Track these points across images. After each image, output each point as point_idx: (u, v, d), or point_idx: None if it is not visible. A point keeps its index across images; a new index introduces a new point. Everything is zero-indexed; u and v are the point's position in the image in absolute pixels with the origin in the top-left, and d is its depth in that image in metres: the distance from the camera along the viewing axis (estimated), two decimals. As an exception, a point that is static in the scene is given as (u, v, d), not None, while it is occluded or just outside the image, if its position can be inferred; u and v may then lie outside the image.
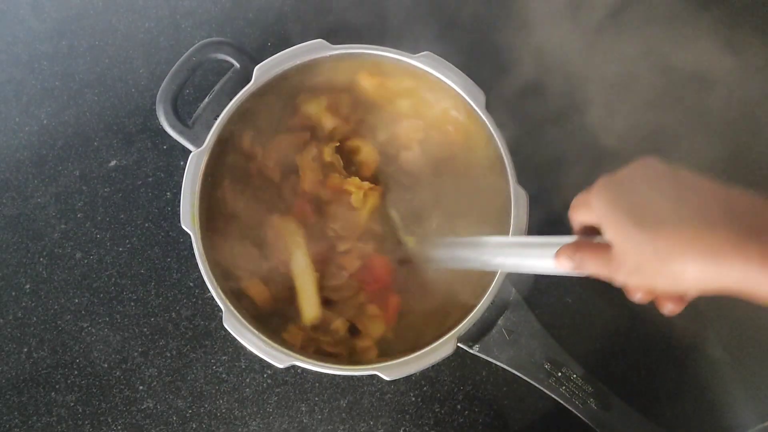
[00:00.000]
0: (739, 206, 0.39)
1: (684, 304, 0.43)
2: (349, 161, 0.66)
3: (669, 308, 0.44)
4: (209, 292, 0.57)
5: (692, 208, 0.39)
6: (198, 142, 0.60)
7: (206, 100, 0.61)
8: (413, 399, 0.67)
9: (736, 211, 0.38)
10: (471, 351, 0.58)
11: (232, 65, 0.62)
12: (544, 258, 0.50)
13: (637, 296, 0.45)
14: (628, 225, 0.40)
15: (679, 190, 0.40)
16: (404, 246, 0.63)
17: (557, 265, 0.49)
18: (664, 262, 0.39)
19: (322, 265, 0.62)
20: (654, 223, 0.39)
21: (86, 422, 0.67)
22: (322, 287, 0.61)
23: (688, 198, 0.40)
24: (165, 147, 0.73)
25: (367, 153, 0.65)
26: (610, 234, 0.42)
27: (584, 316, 0.67)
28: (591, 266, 0.45)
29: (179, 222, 0.58)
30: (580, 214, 0.47)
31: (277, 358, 0.56)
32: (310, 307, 0.60)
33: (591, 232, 0.48)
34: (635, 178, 0.42)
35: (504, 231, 0.58)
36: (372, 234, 0.63)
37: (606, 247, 0.44)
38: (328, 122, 0.64)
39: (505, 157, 0.59)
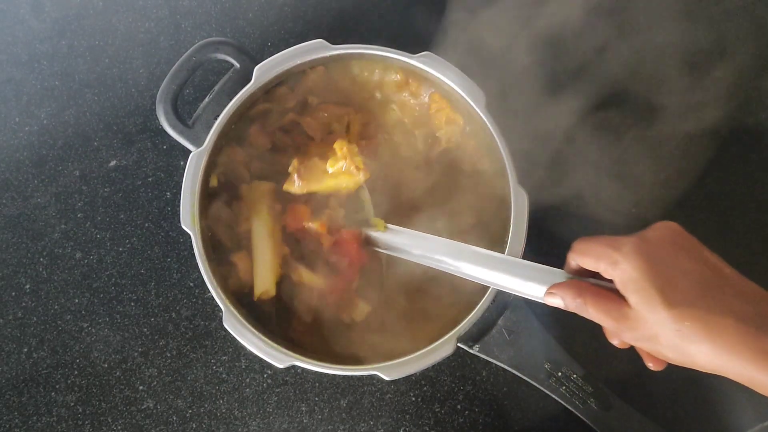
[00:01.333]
0: (762, 306, 0.41)
1: (665, 365, 0.46)
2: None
3: (653, 366, 0.47)
4: (209, 292, 0.57)
5: (718, 297, 0.42)
6: (198, 142, 0.60)
7: (206, 100, 0.61)
8: (413, 399, 0.67)
9: (761, 311, 0.41)
10: (471, 351, 0.58)
11: (232, 65, 0.62)
12: (530, 284, 0.52)
13: (616, 342, 0.48)
14: (657, 299, 0.42)
15: (704, 274, 0.43)
16: (371, 227, 0.62)
17: (547, 299, 0.50)
18: (683, 341, 0.41)
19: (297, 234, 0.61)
20: (681, 304, 0.41)
21: (86, 422, 0.67)
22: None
23: (713, 285, 0.42)
24: (165, 147, 0.73)
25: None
26: (635, 300, 0.44)
27: (584, 316, 0.67)
28: (596, 315, 0.46)
29: (179, 222, 0.58)
30: (590, 262, 0.47)
31: (277, 358, 0.56)
32: (262, 280, 0.60)
33: (585, 273, 0.50)
34: (663, 249, 0.44)
35: (504, 232, 0.58)
36: (340, 202, 0.62)
37: (616, 301, 0.45)
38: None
39: (505, 158, 0.59)
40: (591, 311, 0.47)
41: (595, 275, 0.49)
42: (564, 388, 0.58)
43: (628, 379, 0.65)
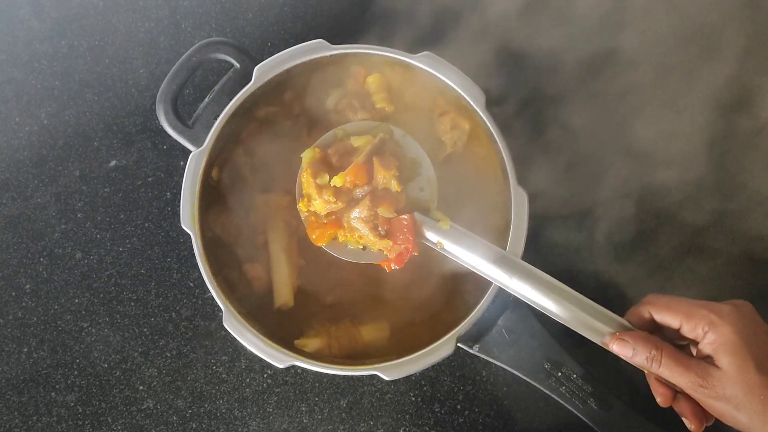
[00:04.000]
0: None
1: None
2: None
3: (695, 427, 0.50)
4: (209, 292, 0.57)
5: None
6: (198, 142, 0.60)
7: (206, 100, 0.61)
8: (413, 399, 0.67)
9: None
10: (471, 351, 0.58)
11: (232, 65, 0.62)
12: (593, 324, 0.52)
13: (660, 400, 0.51)
14: (751, 364, 0.46)
15: None
16: (432, 219, 0.56)
17: (613, 344, 0.51)
18: (766, 408, 0.45)
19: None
20: None
21: (86, 422, 0.67)
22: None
23: None
24: (165, 147, 0.73)
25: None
26: (728, 361, 0.46)
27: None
28: (673, 369, 0.48)
29: (179, 222, 0.58)
30: (673, 319, 0.50)
31: (277, 358, 0.56)
32: (280, 294, 0.60)
33: (647, 327, 0.52)
34: (751, 323, 0.48)
35: (504, 232, 0.58)
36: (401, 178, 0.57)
37: (695, 359, 0.48)
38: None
39: (505, 158, 0.59)
40: (667, 365, 0.49)
41: (653, 331, 0.51)
42: (564, 388, 0.58)
43: (627, 379, 0.65)
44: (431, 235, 0.56)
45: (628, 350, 0.50)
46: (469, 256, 0.55)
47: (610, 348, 0.51)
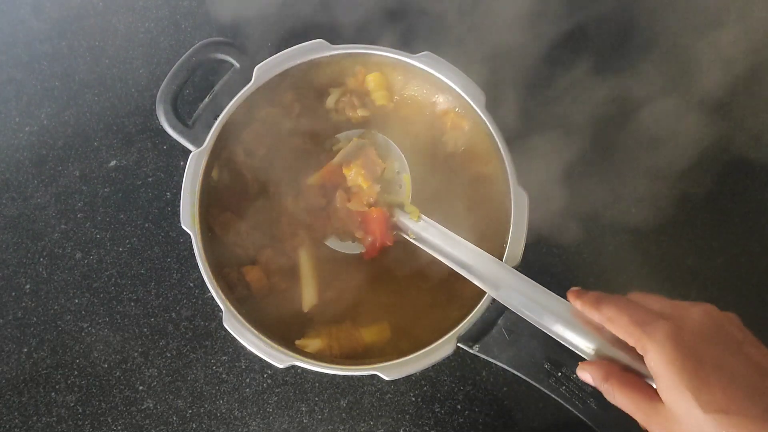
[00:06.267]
0: None
1: None
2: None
3: None
4: (209, 292, 0.57)
5: (763, 403, 0.37)
6: (198, 142, 0.60)
7: (206, 100, 0.61)
8: (413, 399, 0.67)
9: None
10: (471, 351, 0.58)
11: (232, 65, 0.62)
12: (566, 334, 0.50)
13: None
14: (692, 401, 0.38)
15: (749, 374, 0.38)
16: (405, 213, 0.61)
17: (579, 373, 0.48)
18: None
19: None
20: (721, 410, 0.37)
21: (86, 422, 0.67)
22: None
23: (758, 387, 0.38)
24: (165, 147, 0.73)
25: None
26: (667, 398, 0.40)
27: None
28: (624, 405, 0.43)
29: (179, 222, 0.58)
30: (619, 334, 0.44)
31: (277, 358, 0.56)
32: (310, 294, 0.61)
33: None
34: (700, 340, 0.40)
35: (504, 232, 0.58)
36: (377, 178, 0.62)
37: (646, 393, 0.42)
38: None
39: (505, 158, 0.59)
40: (618, 400, 0.44)
41: None
42: (564, 387, 0.57)
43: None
44: (403, 226, 0.60)
45: (587, 378, 0.47)
46: (440, 246, 0.58)
47: (581, 377, 0.48)
